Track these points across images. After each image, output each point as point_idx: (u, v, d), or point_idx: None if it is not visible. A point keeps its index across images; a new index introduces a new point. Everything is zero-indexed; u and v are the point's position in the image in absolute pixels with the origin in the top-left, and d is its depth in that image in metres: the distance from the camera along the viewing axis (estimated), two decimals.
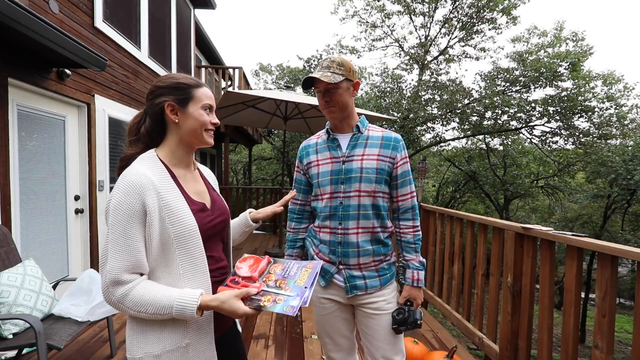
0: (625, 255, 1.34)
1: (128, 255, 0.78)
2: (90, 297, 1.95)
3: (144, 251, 0.81)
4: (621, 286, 14.30)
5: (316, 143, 1.30)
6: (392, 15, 11.76)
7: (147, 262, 0.82)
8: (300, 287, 0.86)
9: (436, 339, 2.58)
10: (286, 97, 4.18)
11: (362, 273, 1.22)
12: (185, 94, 0.89)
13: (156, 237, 0.82)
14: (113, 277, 0.77)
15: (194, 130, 0.90)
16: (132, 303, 0.78)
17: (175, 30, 5.37)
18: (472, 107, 10.52)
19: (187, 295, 0.79)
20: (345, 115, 1.22)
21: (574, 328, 1.58)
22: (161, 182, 0.85)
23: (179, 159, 0.93)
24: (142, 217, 0.80)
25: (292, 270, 0.92)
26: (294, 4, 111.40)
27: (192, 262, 0.85)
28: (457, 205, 14.52)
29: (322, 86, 1.17)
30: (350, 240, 1.20)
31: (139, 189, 0.79)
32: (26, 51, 2.35)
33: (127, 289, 0.78)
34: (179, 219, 0.84)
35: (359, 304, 1.26)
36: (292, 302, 0.82)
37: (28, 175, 2.58)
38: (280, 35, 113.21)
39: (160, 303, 0.79)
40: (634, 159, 8.79)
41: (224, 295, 0.81)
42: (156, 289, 0.80)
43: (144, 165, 0.85)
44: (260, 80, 16.12)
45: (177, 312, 0.79)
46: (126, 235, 0.78)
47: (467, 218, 2.57)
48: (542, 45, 10.73)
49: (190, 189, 0.93)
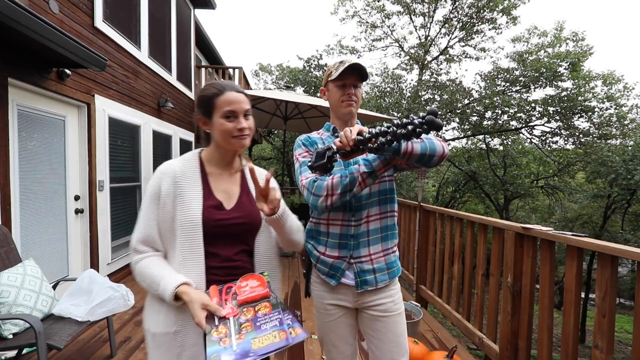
0: (625, 255, 1.34)
1: (143, 228, 0.92)
2: (90, 297, 1.95)
3: (156, 228, 0.92)
4: (621, 286, 14.29)
5: (321, 138, 1.30)
6: (392, 15, 11.78)
7: (161, 241, 0.92)
8: (248, 349, 0.74)
9: (436, 339, 2.58)
10: (286, 97, 4.18)
11: (373, 266, 1.21)
12: (208, 106, 0.95)
13: (169, 221, 0.91)
14: (133, 245, 0.93)
15: (222, 138, 0.96)
16: (137, 271, 0.91)
17: (175, 30, 5.37)
18: (472, 107, 10.53)
19: (171, 280, 0.85)
20: (355, 113, 1.27)
21: (574, 328, 1.57)
22: (185, 173, 0.95)
23: (217, 159, 1.02)
24: (157, 199, 0.92)
25: (268, 324, 0.80)
26: (294, 4, 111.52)
27: (190, 252, 0.90)
28: (457, 205, 14.52)
29: (354, 78, 1.19)
30: (361, 230, 1.20)
31: (160, 175, 0.94)
32: (26, 51, 2.35)
33: (139, 258, 0.91)
34: (187, 208, 0.91)
35: (365, 306, 1.24)
36: (225, 356, 0.72)
37: (28, 175, 2.57)
38: (280, 35, 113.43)
39: (153, 279, 0.87)
40: (634, 159, 8.80)
41: (196, 295, 0.83)
42: (157, 267, 0.89)
43: (178, 159, 0.99)
44: (260, 80, 16.14)
45: (161, 291, 0.85)
46: (145, 211, 0.93)
47: (467, 218, 2.57)
48: (542, 45, 10.74)
49: (219, 187, 0.99)
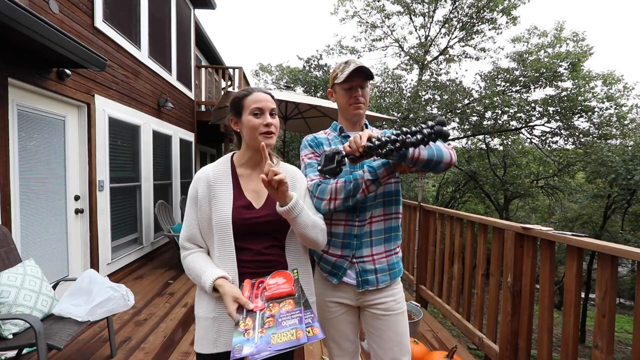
0: (625, 255, 1.34)
1: (187, 228, 1.06)
2: (90, 297, 1.95)
3: (197, 228, 1.05)
4: (621, 286, 14.28)
5: (327, 138, 1.30)
6: (392, 15, 11.77)
7: (203, 239, 1.05)
8: (267, 344, 0.74)
9: (436, 339, 2.58)
10: (286, 97, 4.17)
11: (375, 267, 1.21)
12: (238, 106, 1.06)
13: (207, 220, 1.03)
14: (181, 242, 1.07)
15: (250, 134, 1.04)
16: (185, 266, 1.05)
17: (175, 30, 5.37)
18: (472, 107, 10.53)
19: (210, 274, 0.97)
20: (363, 113, 1.28)
21: (574, 328, 1.57)
22: (217, 177, 1.06)
23: (247, 159, 1.10)
24: (195, 201, 1.05)
25: (288, 322, 0.80)
26: (294, 4, 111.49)
27: (223, 248, 1.01)
28: (457, 205, 14.50)
29: (360, 79, 1.21)
30: (364, 231, 1.21)
31: (197, 181, 1.07)
32: (26, 51, 2.35)
33: (186, 254, 1.06)
34: (220, 209, 1.01)
35: (367, 305, 1.24)
36: (246, 347, 0.74)
37: (28, 175, 2.57)
38: (280, 36, 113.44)
39: (197, 273, 1.00)
40: (634, 159, 8.79)
41: (229, 289, 0.93)
42: (201, 262, 1.02)
43: (213, 164, 1.11)
44: (260, 80, 16.15)
45: (202, 283, 0.98)
46: (188, 213, 1.07)
47: (467, 218, 2.56)
48: (542, 45, 10.74)
49: (249, 187, 1.08)
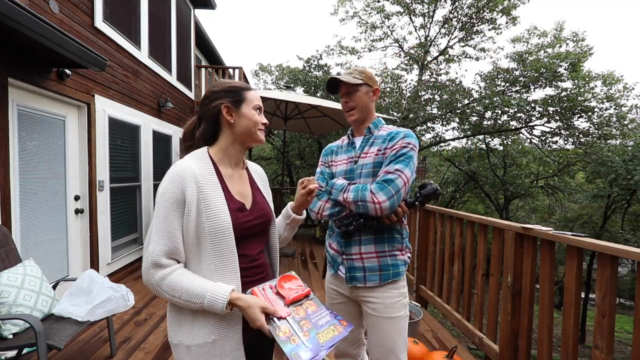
0: (625, 255, 1.34)
1: (167, 240, 0.84)
2: (90, 297, 1.95)
3: (181, 239, 0.86)
4: (621, 286, 14.29)
5: (339, 146, 1.42)
6: (391, 15, 11.75)
7: (183, 252, 0.87)
8: (318, 344, 0.81)
9: (436, 339, 2.58)
10: (286, 97, 4.18)
11: (363, 265, 1.24)
12: (238, 96, 0.97)
13: (192, 229, 0.86)
14: (154, 259, 0.83)
15: (248, 129, 0.96)
16: (169, 287, 0.83)
17: (175, 30, 5.37)
18: (472, 107, 10.52)
19: (220, 289, 0.83)
20: (364, 118, 1.32)
21: (574, 328, 1.57)
22: (205, 176, 0.89)
23: (230, 157, 0.98)
24: (181, 206, 0.85)
25: (322, 320, 0.88)
26: (294, 4, 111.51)
27: (223, 259, 0.87)
28: (457, 205, 14.49)
29: (344, 89, 1.30)
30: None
31: (179, 180, 0.85)
32: (26, 51, 2.35)
33: (166, 272, 0.83)
34: (215, 214, 0.87)
35: (361, 300, 1.29)
36: (302, 353, 0.77)
37: (28, 175, 2.57)
38: (280, 36, 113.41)
39: (194, 292, 0.82)
40: (634, 159, 8.79)
41: (253, 300, 0.83)
42: (192, 278, 0.84)
43: (193, 160, 0.91)
44: (260, 80, 16.13)
45: (208, 303, 0.82)
46: (167, 221, 0.84)
47: (467, 218, 2.56)
48: (542, 45, 10.73)
49: (235, 189, 0.97)
